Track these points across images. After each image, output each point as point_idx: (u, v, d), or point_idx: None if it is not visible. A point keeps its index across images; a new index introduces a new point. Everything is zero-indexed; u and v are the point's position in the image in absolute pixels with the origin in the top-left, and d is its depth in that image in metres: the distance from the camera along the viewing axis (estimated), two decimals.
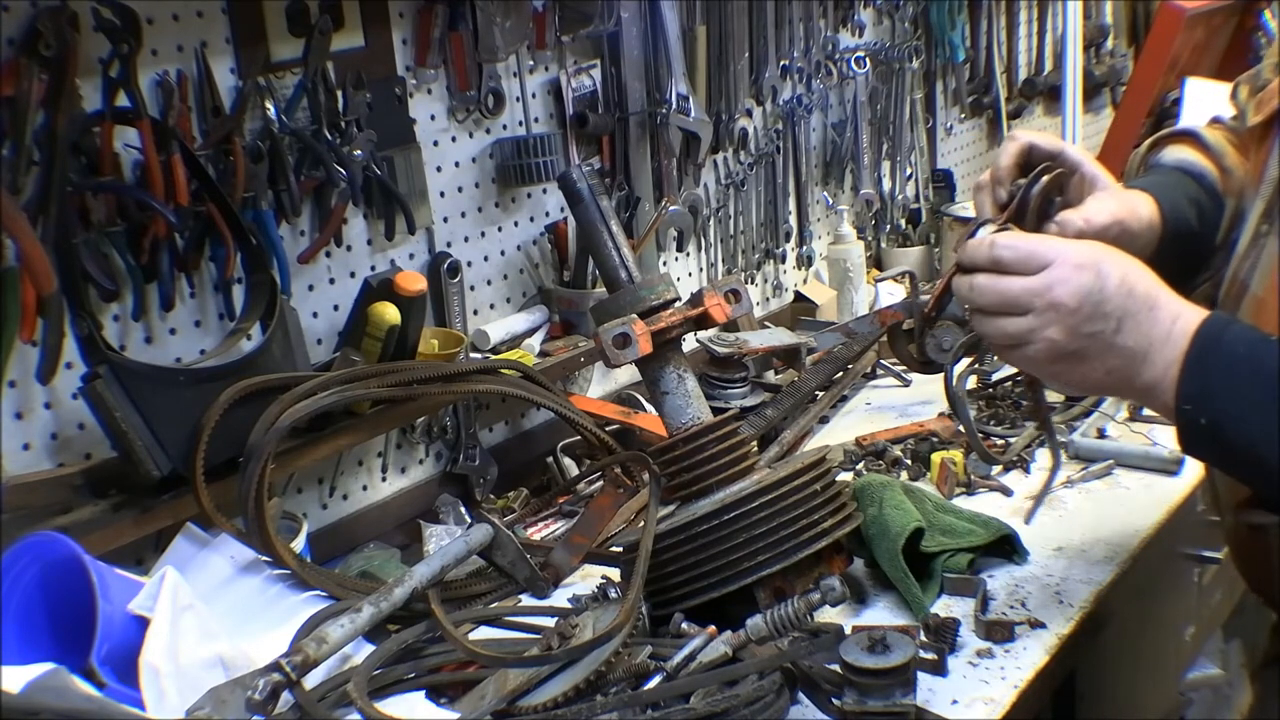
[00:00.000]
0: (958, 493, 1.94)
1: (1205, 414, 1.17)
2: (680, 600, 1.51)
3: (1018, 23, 3.63)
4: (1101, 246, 1.26)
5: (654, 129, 2.43)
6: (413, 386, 1.79)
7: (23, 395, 1.60)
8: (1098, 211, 1.41)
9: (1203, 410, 1.17)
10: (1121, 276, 1.21)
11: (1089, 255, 1.22)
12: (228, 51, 1.77)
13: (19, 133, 1.49)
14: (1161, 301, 1.22)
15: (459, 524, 1.98)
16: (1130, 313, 1.20)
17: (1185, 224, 1.49)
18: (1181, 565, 2.12)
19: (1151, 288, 1.22)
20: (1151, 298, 1.21)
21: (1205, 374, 1.17)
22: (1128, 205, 1.44)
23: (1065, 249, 1.23)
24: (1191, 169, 1.55)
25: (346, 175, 1.88)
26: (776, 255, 2.83)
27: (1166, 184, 1.53)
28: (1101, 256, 1.23)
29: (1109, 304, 1.20)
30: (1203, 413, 1.18)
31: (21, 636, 1.41)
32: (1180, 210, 1.49)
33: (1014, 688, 1.45)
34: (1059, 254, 1.22)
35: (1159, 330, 1.20)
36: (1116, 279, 1.20)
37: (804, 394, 2.27)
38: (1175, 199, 1.50)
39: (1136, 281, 1.22)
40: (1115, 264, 1.22)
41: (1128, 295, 1.20)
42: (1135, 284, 1.21)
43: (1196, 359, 1.17)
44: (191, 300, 1.77)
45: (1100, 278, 1.20)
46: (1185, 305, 1.22)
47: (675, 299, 1.62)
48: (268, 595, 1.63)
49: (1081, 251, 1.23)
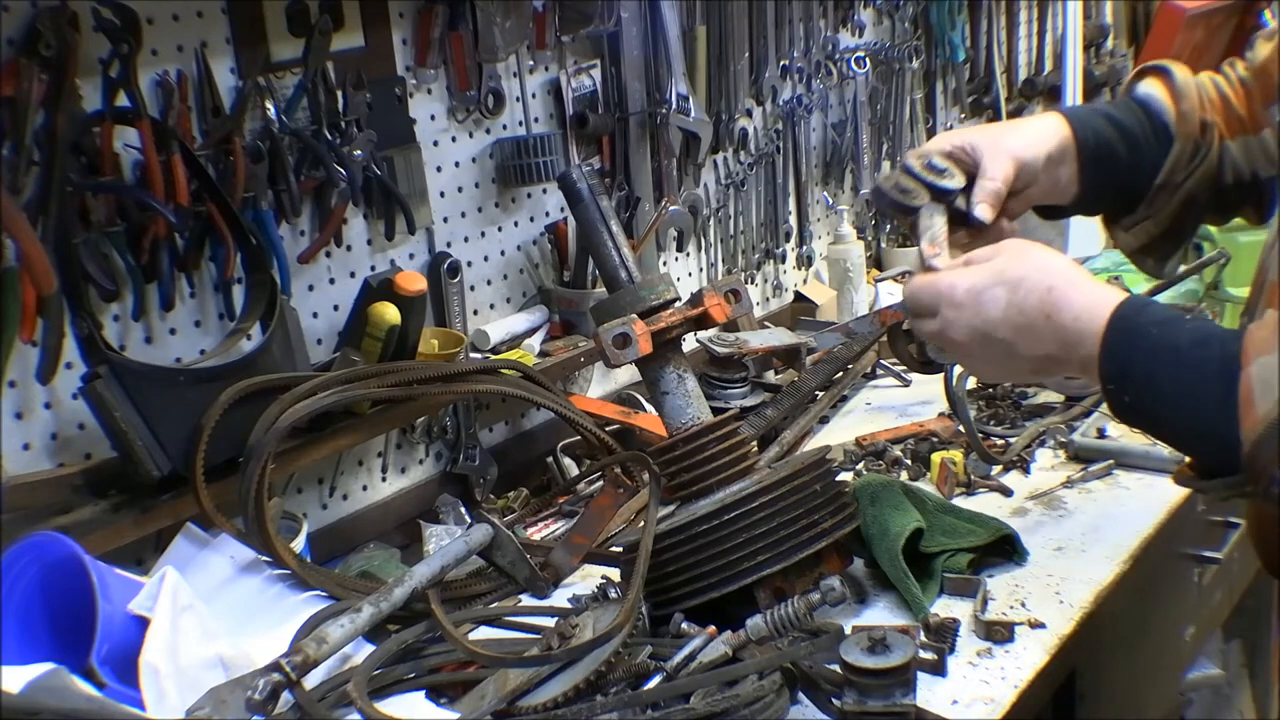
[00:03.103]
0: (958, 493, 1.94)
1: (1127, 393, 1.24)
2: (680, 600, 1.51)
3: (1018, 23, 3.63)
4: (991, 268, 1.31)
5: (654, 129, 2.43)
6: (413, 386, 1.79)
7: (23, 395, 1.60)
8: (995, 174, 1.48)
9: (1124, 390, 1.23)
10: (1008, 300, 1.28)
11: (968, 290, 1.31)
12: (228, 51, 1.77)
13: (19, 133, 1.49)
14: (1059, 306, 1.27)
15: (459, 524, 1.98)
16: (1024, 327, 1.28)
17: (1107, 150, 1.54)
18: (1181, 565, 2.12)
19: (1044, 298, 1.27)
20: (1046, 307, 1.27)
21: (1122, 358, 1.23)
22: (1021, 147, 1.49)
23: (950, 289, 1.32)
24: (1150, 103, 1.58)
25: (346, 175, 1.88)
26: (776, 255, 2.83)
27: (1093, 110, 1.59)
28: (985, 286, 1.30)
29: (998, 330, 1.29)
30: (1125, 392, 1.24)
31: (21, 636, 1.41)
32: (1102, 135, 1.54)
33: (1014, 688, 1.45)
34: (943, 296, 1.33)
35: (1066, 334, 1.26)
36: (1002, 305, 1.29)
37: (804, 394, 2.27)
38: (1097, 124, 1.54)
39: (1025, 298, 1.28)
40: (1001, 289, 1.29)
41: (1018, 314, 1.28)
42: (1024, 301, 1.28)
43: (1112, 346, 1.23)
44: (191, 300, 1.77)
45: (980, 311, 1.30)
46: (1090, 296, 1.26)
47: (675, 299, 1.62)
48: (268, 595, 1.63)
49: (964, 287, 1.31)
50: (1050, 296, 1.27)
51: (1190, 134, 1.54)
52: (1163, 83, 1.58)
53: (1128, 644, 1.90)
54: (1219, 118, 1.55)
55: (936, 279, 1.35)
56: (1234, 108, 1.56)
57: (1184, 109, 1.55)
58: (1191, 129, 1.54)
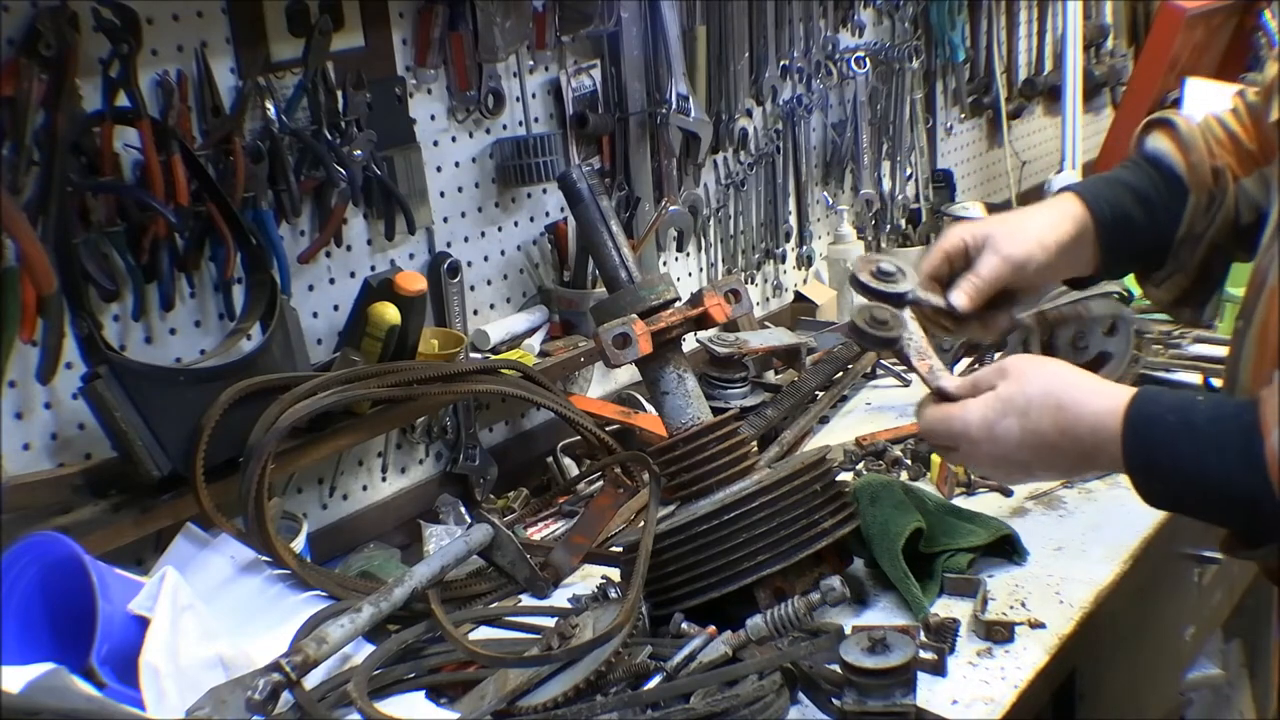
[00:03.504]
0: (958, 493, 1.94)
1: (1156, 480, 1.26)
2: (680, 600, 1.51)
3: (1018, 23, 3.63)
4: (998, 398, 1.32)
5: (654, 129, 2.43)
6: (413, 386, 1.79)
7: (23, 395, 1.60)
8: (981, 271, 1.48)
9: (1153, 478, 1.26)
10: (1021, 427, 1.30)
11: (980, 425, 1.32)
12: (228, 51, 1.77)
13: (19, 133, 1.49)
14: (1072, 422, 1.28)
15: (459, 524, 1.98)
16: (1043, 448, 1.30)
17: (1125, 216, 1.54)
18: (1181, 565, 2.12)
19: (1056, 417, 1.28)
20: (1059, 425, 1.28)
21: (1145, 452, 1.25)
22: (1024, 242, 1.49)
23: (965, 429, 1.33)
24: (1160, 160, 1.57)
25: (346, 175, 1.88)
26: (776, 255, 2.83)
27: (1106, 179, 1.59)
28: (996, 419, 1.31)
29: (1018, 455, 1.31)
30: (1154, 480, 1.26)
31: (21, 636, 1.41)
32: (1118, 204, 1.54)
33: (1014, 688, 1.45)
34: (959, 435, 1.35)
35: (1086, 444, 1.28)
36: (1016, 433, 1.30)
37: (804, 394, 2.27)
38: (1112, 194, 1.55)
39: (1038, 422, 1.29)
40: (1012, 418, 1.30)
41: (1034, 438, 1.30)
42: (1038, 425, 1.29)
43: (1134, 445, 1.25)
44: (191, 300, 1.77)
45: (996, 443, 1.31)
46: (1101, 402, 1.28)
47: (675, 299, 1.62)
48: (268, 595, 1.63)
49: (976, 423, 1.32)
50: (1061, 415, 1.28)
51: (1203, 184, 1.54)
52: (1169, 136, 1.58)
53: (1128, 644, 1.90)
54: (1230, 159, 1.55)
55: (949, 418, 1.36)
56: (1243, 144, 1.56)
57: (1193, 160, 1.55)
58: (1204, 179, 1.54)
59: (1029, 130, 3.77)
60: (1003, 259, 1.48)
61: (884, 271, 1.47)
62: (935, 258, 1.52)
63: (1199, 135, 1.56)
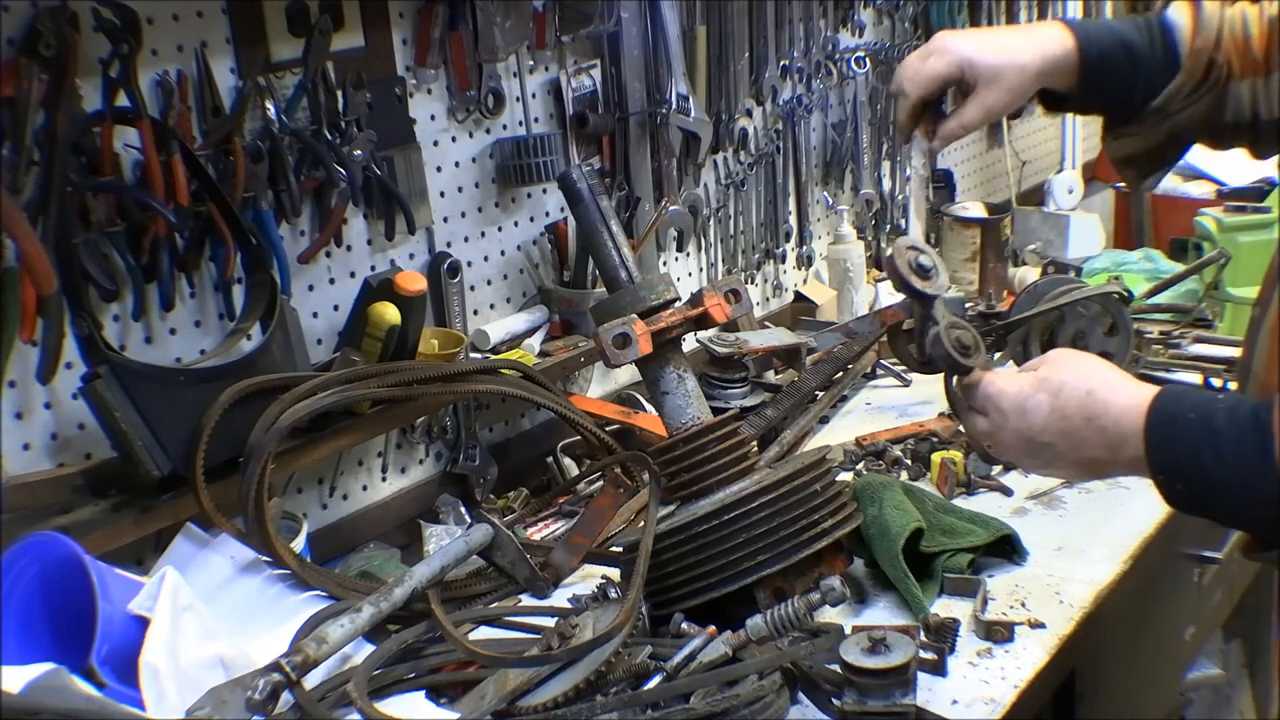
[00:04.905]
0: (958, 493, 1.94)
1: (1179, 481, 1.26)
2: (680, 600, 1.51)
3: (1018, 22, 3.63)
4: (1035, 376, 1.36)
5: (654, 129, 2.42)
6: (413, 386, 1.79)
7: (23, 395, 1.60)
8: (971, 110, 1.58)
9: (1176, 479, 1.26)
10: (1050, 406, 1.33)
11: (1014, 396, 1.36)
12: (228, 51, 1.77)
13: (19, 133, 1.49)
14: (1099, 410, 1.30)
15: (459, 524, 1.98)
16: (1068, 432, 1.32)
17: (1110, 63, 1.57)
18: (1181, 565, 2.12)
19: (1084, 401, 1.31)
20: (1086, 410, 1.31)
21: (1166, 449, 1.26)
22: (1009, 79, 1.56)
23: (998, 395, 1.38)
24: (1171, 29, 1.58)
25: (346, 175, 1.88)
26: (776, 255, 2.83)
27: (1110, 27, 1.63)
28: (1029, 393, 1.35)
29: (1043, 435, 1.34)
30: (1177, 480, 1.26)
31: (21, 636, 1.41)
32: (1106, 51, 1.57)
33: (1014, 688, 1.45)
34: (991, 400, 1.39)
35: (1110, 435, 1.30)
36: (1045, 411, 1.33)
37: (804, 394, 2.27)
38: (1103, 40, 1.57)
39: (1067, 402, 1.32)
40: (1043, 395, 1.34)
41: (1060, 419, 1.32)
42: (1066, 406, 1.32)
43: (1156, 441, 1.26)
44: (191, 300, 1.77)
45: (1025, 417, 1.35)
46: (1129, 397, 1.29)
47: (675, 299, 1.62)
48: (268, 595, 1.63)
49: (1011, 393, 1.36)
50: (1089, 400, 1.30)
51: (1196, 71, 1.55)
52: (1190, 12, 1.58)
53: (1128, 644, 1.90)
54: (1235, 57, 1.55)
55: (987, 383, 1.40)
56: (1253, 49, 1.55)
57: (1198, 46, 1.55)
58: (1198, 66, 1.54)
59: (1029, 130, 3.76)
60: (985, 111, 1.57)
61: (922, 267, 1.48)
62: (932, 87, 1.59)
63: (1215, 22, 1.57)
